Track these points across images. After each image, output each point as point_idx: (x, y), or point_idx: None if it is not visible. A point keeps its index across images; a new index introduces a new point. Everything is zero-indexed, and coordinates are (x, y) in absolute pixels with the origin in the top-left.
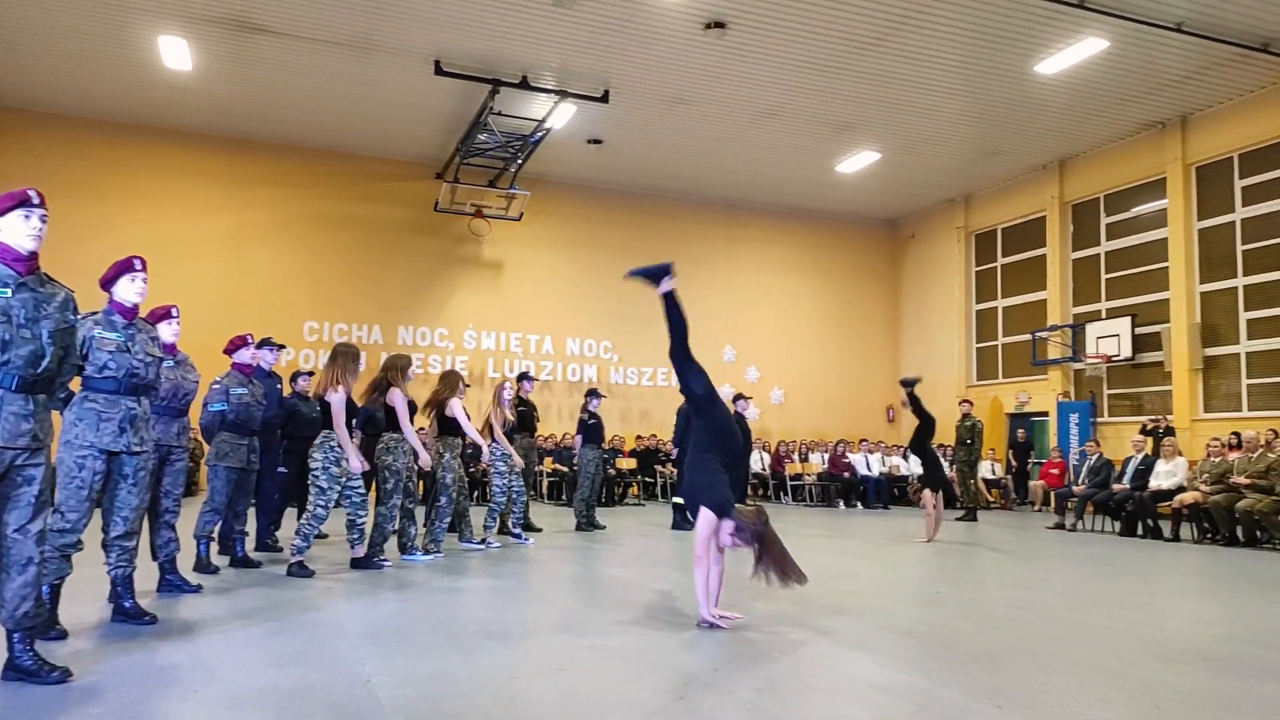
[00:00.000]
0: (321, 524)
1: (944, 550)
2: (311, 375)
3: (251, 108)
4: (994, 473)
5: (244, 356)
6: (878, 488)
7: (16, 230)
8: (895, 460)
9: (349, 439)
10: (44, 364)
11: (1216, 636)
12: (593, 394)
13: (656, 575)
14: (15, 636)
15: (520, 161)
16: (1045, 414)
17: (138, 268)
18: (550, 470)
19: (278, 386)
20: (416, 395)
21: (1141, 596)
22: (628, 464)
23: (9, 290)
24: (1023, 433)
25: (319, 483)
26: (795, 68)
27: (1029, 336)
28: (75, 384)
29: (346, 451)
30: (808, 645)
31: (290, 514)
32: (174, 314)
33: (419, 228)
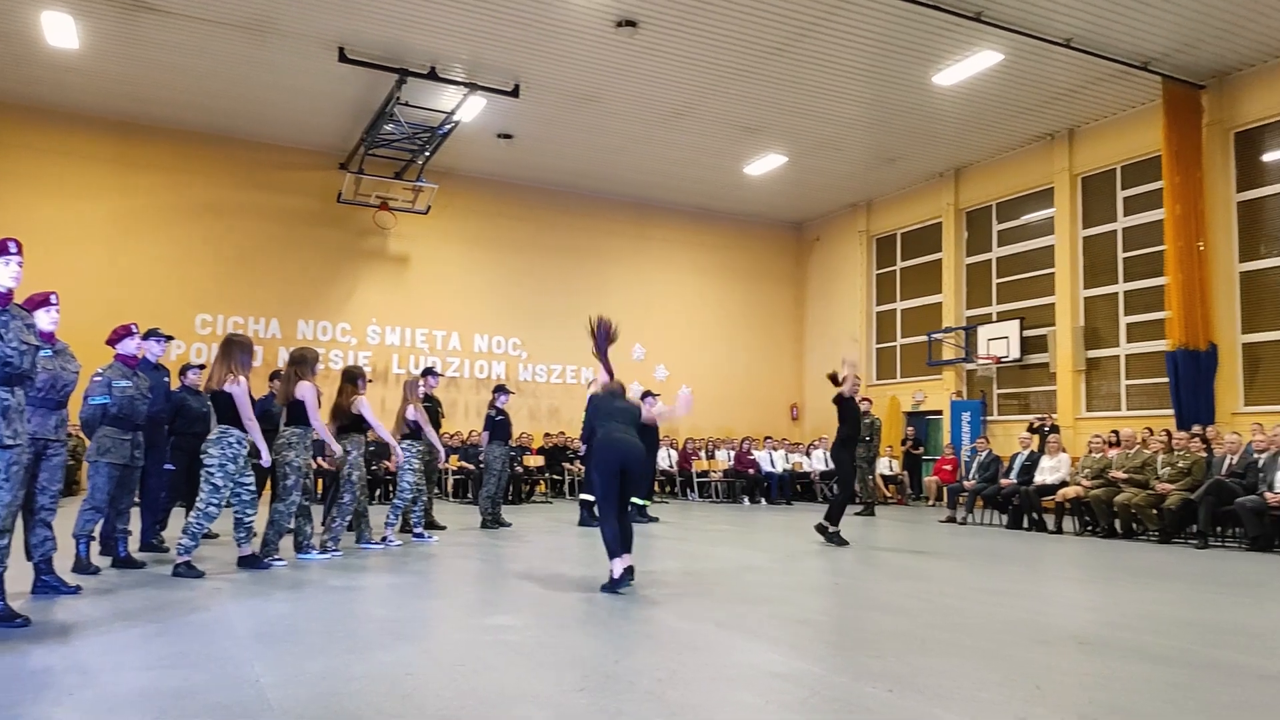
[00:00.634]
0: (212, 522)
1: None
2: (202, 369)
3: (143, 89)
4: (891, 469)
5: (128, 347)
6: (781, 484)
7: None
8: (798, 457)
9: (258, 430)
10: None
11: (1093, 622)
12: (500, 390)
13: (561, 571)
14: None
15: (428, 154)
16: (939, 412)
17: (11, 250)
18: (456, 468)
19: (165, 380)
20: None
21: (1025, 585)
22: (535, 461)
23: None
24: (912, 430)
25: (213, 480)
26: (705, 69)
27: (925, 338)
28: None
29: (257, 443)
30: (709, 636)
31: (178, 513)
32: (53, 301)
33: (321, 219)
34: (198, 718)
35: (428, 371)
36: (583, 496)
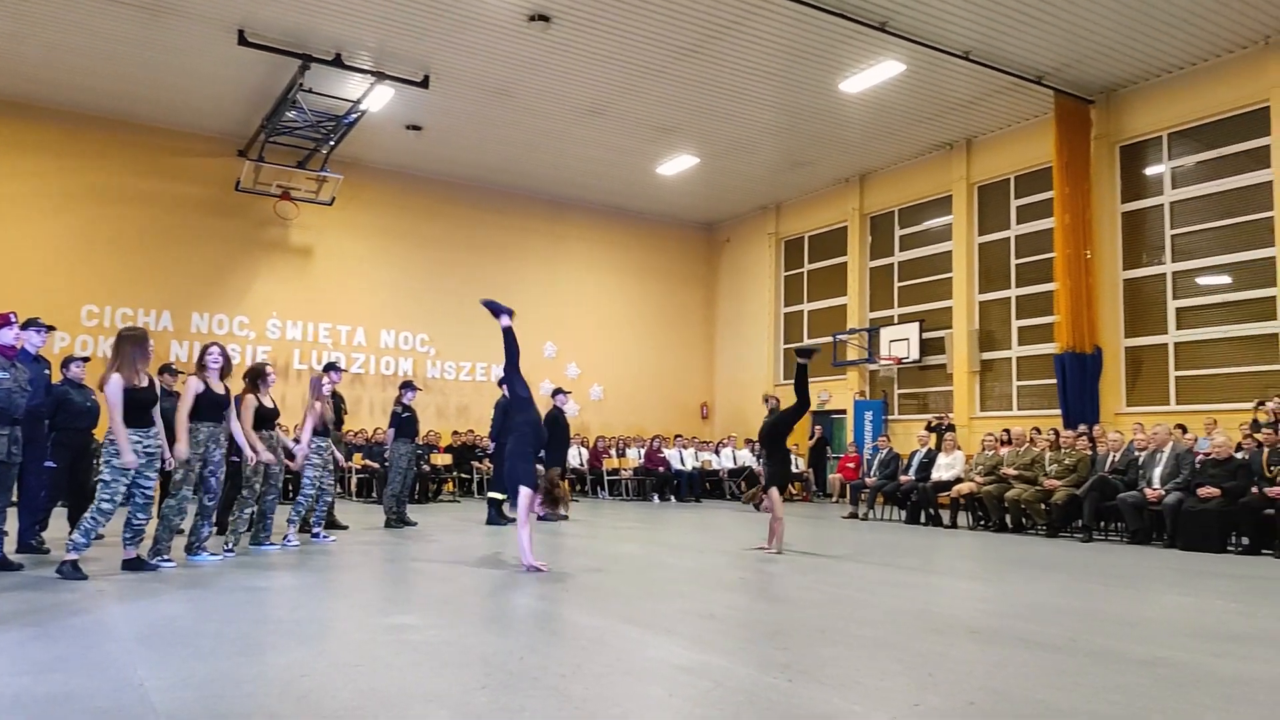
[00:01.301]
0: (107, 520)
1: (749, 540)
2: (87, 361)
3: (25, 67)
4: (797, 467)
5: (6, 337)
6: (691, 482)
7: None
8: (708, 455)
9: (123, 430)
10: None
11: (985, 612)
12: (407, 386)
13: (466, 570)
14: None
15: (333, 143)
16: (843, 411)
17: None
18: (360, 466)
19: (45, 372)
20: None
21: (921, 578)
22: (443, 460)
23: None
24: (819, 429)
25: (103, 476)
26: (619, 68)
27: (831, 339)
28: None
29: (119, 444)
30: (615, 631)
31: (60, 513)
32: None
33: (218, 208)
34: None
35: (330, 367)
36: (491, 495)
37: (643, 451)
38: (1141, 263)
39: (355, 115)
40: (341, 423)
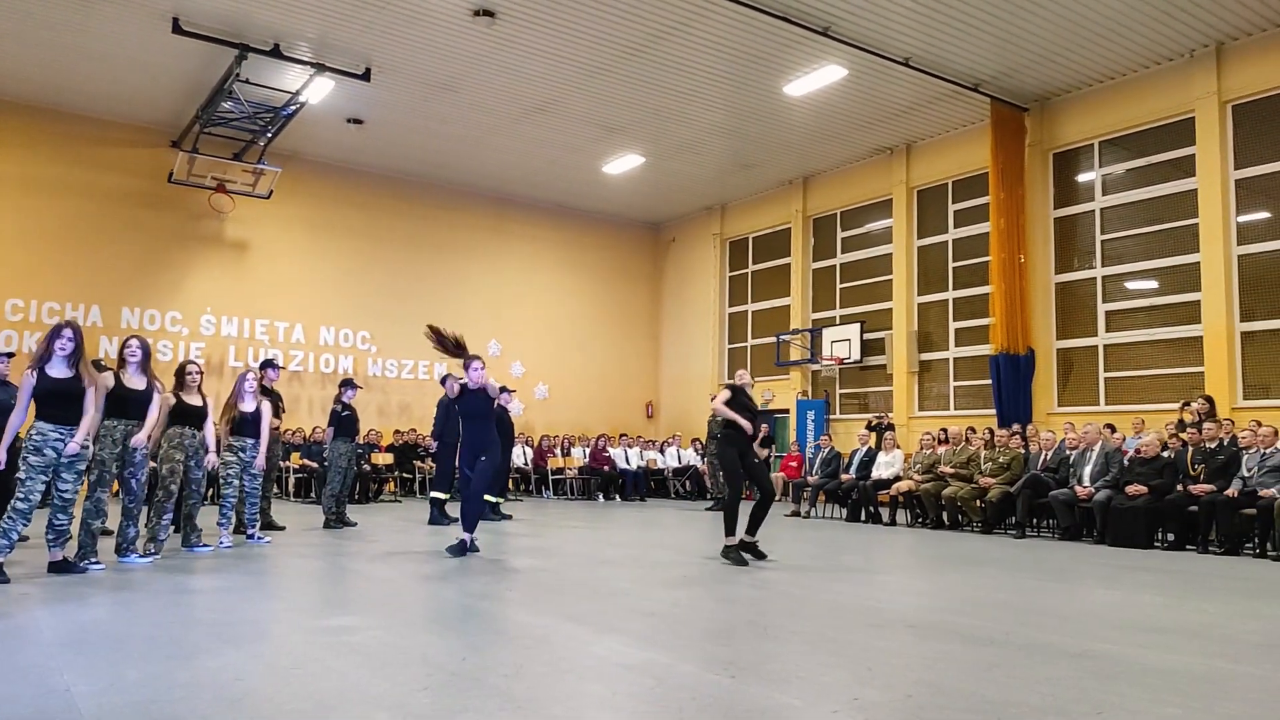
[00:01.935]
0: (25, 522)
1: (693, 538)
2: (11, 357)
3: None
4: None
5: None
6: (636, 481)
7: None
8: (653, 454)
9: (15, 422)
10: None
11: (922, 607)
12: (347, 384)
13: (408, 570)
14: None
15: (270, 135)
16: (786, 411)
17: None
18: (298, 465)
19: None
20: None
21: (860, 573)
22: (384, 459)
23: None
24: (765, 428)
25: (19, 474)
26: (565, 65)
27: (774, 339)
28: None
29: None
30: (559, 630)
31: None
32: None
33: (150, 200)
34: None
35: (267, 364)
36: (433, 495)
37: (588, 450)
38: (1073, 267)
39: (294, 107)
40: (279, 421)
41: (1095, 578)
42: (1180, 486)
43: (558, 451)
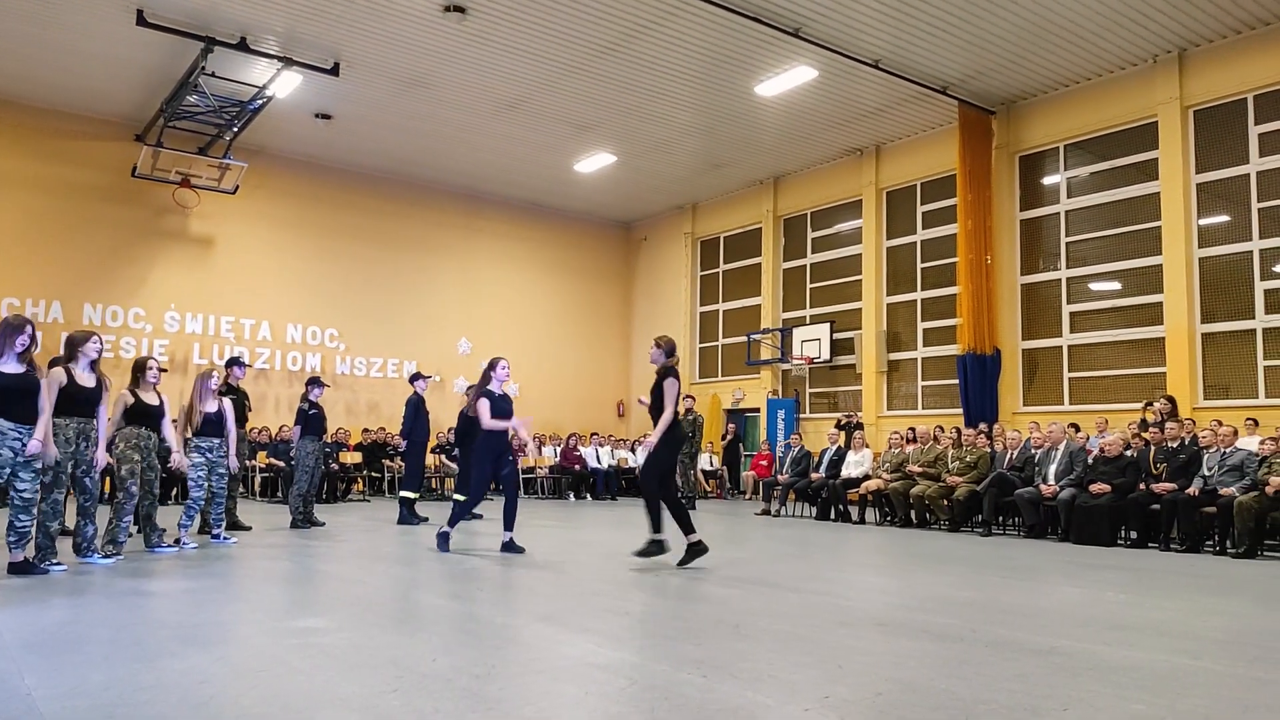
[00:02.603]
0: None
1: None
2: None
3: None
4: (711, 464)
5: None
6: (607, 480)
7: None
8: (624, 453)
9: None
10: None
11: (891, 605)
12: (314, 382)
13: (376, 570)
14: None
15: (236, 129)
16: (757, 410)
17: None
18: (264, 465)
19: None
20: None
21: (831, 572)
22: (353, 458)
23: None
24: (734, 426)
25: None
26: (537, 63)
27: (745, 338)
28: None
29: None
30: (530, 630)
31: None
32: None
33: (112, 194)
34: None
35: (233, 362)
36: (403, 494)
37: (559, 449)
38: (1038, 268)
39: (261, 101)
40: (245, 420)
41: (1060, 575)
42: (1142, 485)
43: (529, 450)
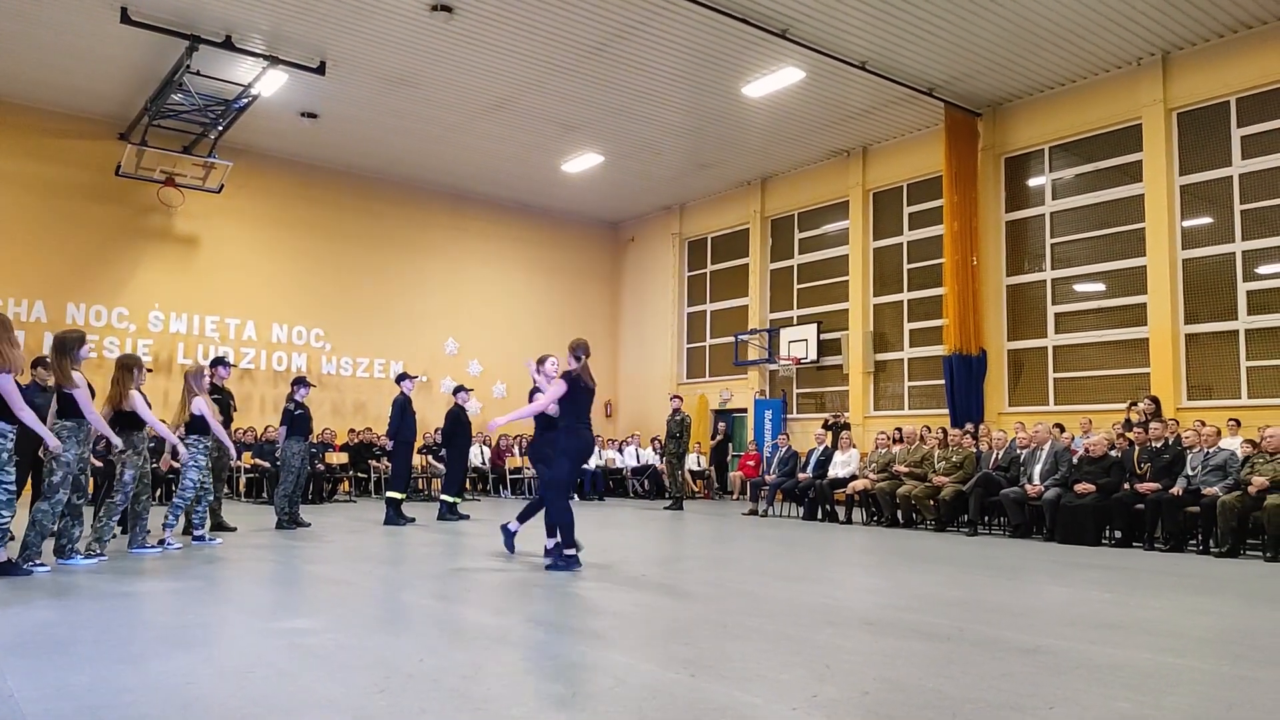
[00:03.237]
0: None
1: (651, 537)
2: None
3: None
4: (699, 464)
5: None
6: (594, 480)
7: None
8: (612, 453)
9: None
10: None
11: (878, 604)
12: (300, 382)
13: (363, 571)
14: None
15: (221, 128)
16: (744, 410)
17: None
18: (250, 465)
19: None
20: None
21: (818, 572)
22: (339, 458)
23: None
24: (724, 426)
25: None
26: (524, 62)
27: (733, 339)
28: None
29: (38, 432)
30: (516, 630)
31: None
32: None
33: (96, 193)
34: None
35: (218, 361)
36: (390, 495)
37: None
38: (1024, 269)
39: (246, 100)
40: (231, 420)
41: (1045, 574)
42: (1127, 485)
43: (516, 451)
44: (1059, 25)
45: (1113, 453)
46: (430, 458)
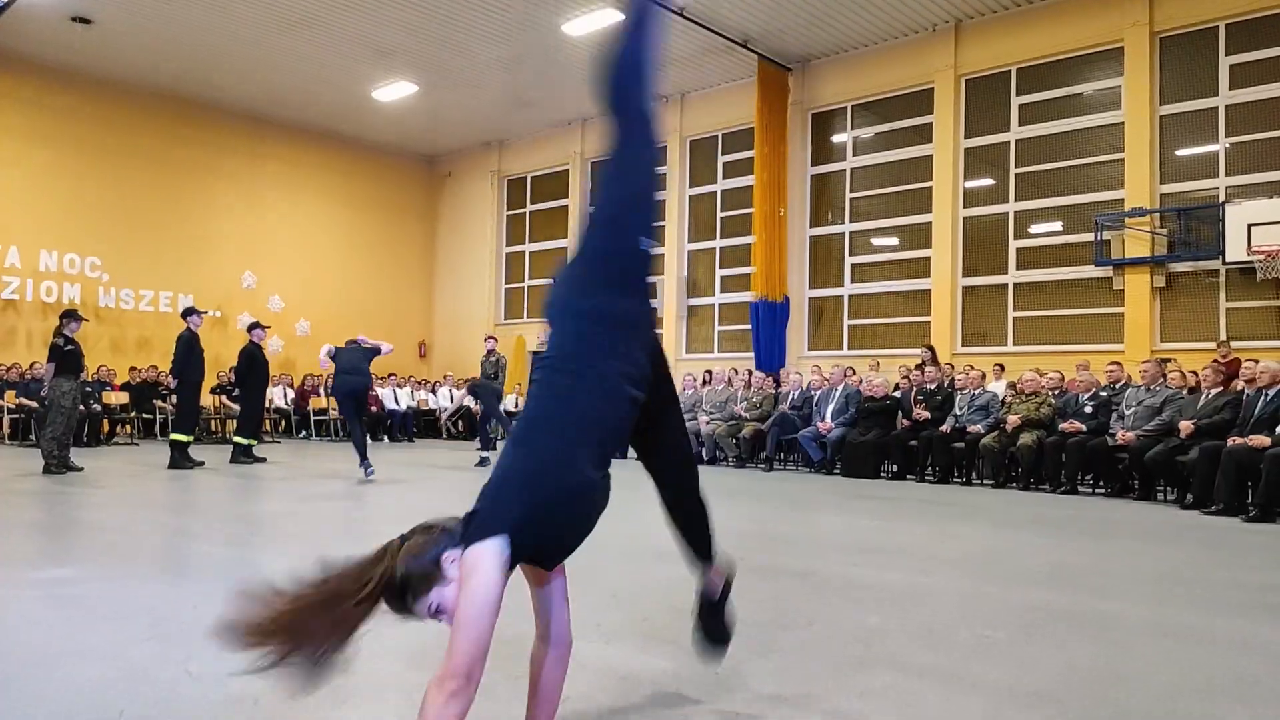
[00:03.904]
0: None
1: (454, 481)
2: None
3: None
4: (516, 406)
5: None
6: (404, 421)
7: None
8: (424, 394)
9: None
10: None
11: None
12: (69, 316)
13: (140, 517)
14: None
15: None
16: None
17: None
18: (13, 405)
19: None
20: None
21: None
22: (119, 398)
23: None
24: None
25: None
26: None
27: (552, 280)
28: None
29: None
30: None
31: None
32: None
33: None
34: None
35: None
36: (174, 436)
37: None
38: (826, 221)
39: (4, 1)
40: None
41: (827, 506)
42: (906, 421)
43: (321, 391)
44: None
45: (896, 394)
46: (224, 398)
